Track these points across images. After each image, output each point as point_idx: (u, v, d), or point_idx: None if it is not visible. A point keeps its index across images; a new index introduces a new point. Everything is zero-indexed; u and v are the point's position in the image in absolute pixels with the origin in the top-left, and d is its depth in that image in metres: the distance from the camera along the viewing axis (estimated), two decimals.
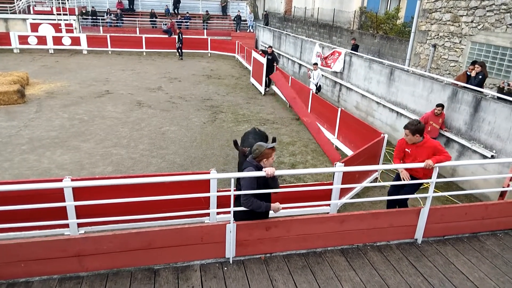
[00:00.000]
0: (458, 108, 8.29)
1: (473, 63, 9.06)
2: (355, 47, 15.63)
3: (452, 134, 8.39)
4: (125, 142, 9.72)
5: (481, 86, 8.56)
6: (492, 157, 7.43)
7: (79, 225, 5.35)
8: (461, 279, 4.20)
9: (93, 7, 25.76)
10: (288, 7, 27.51)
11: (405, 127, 4.87)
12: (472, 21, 10.34)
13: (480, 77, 8.60)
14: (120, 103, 13.07)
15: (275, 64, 15.51)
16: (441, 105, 8.28)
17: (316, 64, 13.42)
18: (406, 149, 5.02)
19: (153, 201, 4.68)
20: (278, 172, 3.94)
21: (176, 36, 22.45)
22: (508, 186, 5.60)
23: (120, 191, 5.00)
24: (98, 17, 25.21)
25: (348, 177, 6.32)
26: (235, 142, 5.75)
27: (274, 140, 6.10)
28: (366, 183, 7.52)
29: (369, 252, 4.51)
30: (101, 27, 24.83)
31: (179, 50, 22.45)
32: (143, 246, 3.81)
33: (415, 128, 4.73)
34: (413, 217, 4.59)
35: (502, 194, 5.58)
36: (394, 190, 5.31)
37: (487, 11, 9.86)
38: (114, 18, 25.86)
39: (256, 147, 3.96)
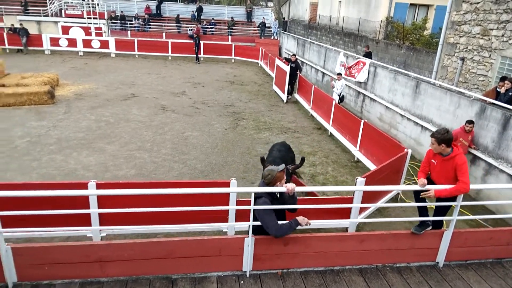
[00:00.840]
0: (486, 125, 8.05)
1: (503, 79, 8.77)
2: (367, 55, 15.38)
3: (479, 152, 8.15)
4: (148, 146, 9.92)
5: (511, 103, 8.28)
6: None
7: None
8: None
9: (122, 11, 26.51)
10: (313, 14, 27.47)
11: (432, 135, 4.45)
12: (502, 35, 10.05)
13: (511, 94, 8.32)
14: (145, 107, 13.35)
15: (298, 72, 15.51)
16: (471, 122, 8.05)
17: (340, 74, 13.33)
18: (432, 161, 4.62)
19: (173, 201, 4.78)
20: (297, 189, 3.94)
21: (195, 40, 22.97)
22: None
23: (142, 197, 5.10)
24: (126, 22, 25.91)
25: (368, 194, 6.23)
26: (262, 159, 5.66)
27: (303, 160, 5.99)
28: (386, 199, 7.40)
29: (388, 273, 4.43)
30: (129, 31, 25.50)
31: (196, 54, 23.12)
32: (162, 255, 3.88)
33: (442, 137, 4.32)
34: (435, 240, 4.48)
35: None
36: (418, 198, 5.01)
37: None
38: (142, 22, 26.51)
39: (267, 172, 3.92)
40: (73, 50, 22.81)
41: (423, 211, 4.69)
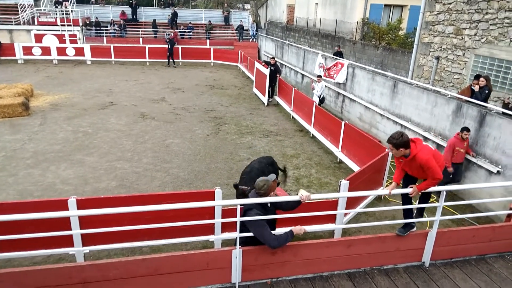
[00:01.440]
0: (462, 122, 8.25)
1: (477, 77, 9.02)
2: (337, 54, 15.55)
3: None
4: (129, 156, 9.73)
5: (486, 101, 8.52)
6: (498, 172, 7.40)
7: (84, 243, 5.33)
8: None
9: (96, 17, 25.96)
10: (290, 16, 27.67)
11: (388, 141, 4.43)
12: (475, 34, 10.35)
13: (486, 91, 8.56)
14: (124, 115, 13.10)
15: (278, 75, 15.56)
16: (468, 130, 7.71)
17: (320, 76, 13.45)
18: (400, 160, 4.62)
19: (157, 215, 4.70)
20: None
21: (168, 44, 22.71)
22: None
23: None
24: (101, 28, 25.40)
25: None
26: (236, 185, 5.47)
27: (284, 169, 5.98)
28: (370, 199, 7.50)
29: (376, 276, 4.46)
30: (104, 38, 24.99)
31: (169, 59, 22.93)
32: (149, 273, 3.79)
33: (398, 142, 4.27)
34: (420, 240, 4.55)
35: (510, 216, 5.52)
36: (405, 201, 5.07)
37: (490, 24, 9.87)
38: (117, 28, 26.04)
39: (263, 183, 3.92)
40: (47, 59, 22.19)
41: (408, 213, 4.76)
